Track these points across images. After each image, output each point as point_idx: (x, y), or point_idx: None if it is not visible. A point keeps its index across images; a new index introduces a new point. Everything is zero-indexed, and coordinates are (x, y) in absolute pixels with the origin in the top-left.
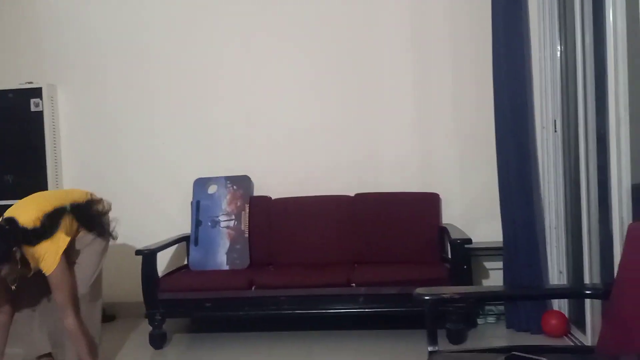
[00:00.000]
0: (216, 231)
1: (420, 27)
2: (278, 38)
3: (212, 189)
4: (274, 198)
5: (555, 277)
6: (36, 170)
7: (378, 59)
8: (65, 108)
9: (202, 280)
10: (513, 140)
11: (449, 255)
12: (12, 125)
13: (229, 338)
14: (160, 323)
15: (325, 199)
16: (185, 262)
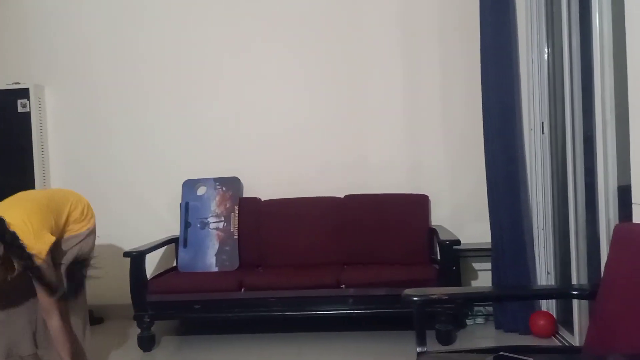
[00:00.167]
0: (205, 233)
1: (410, 30)
2: (268, 40)
3: (201, 191)
4: (263, 199)
5: (543, 278)
6: (23, 171)
7: (368, 61)
8: (52, 109)
9: (191, 282)
10: (501, 142)
11: (438, 256)
12: None
13: (218, 340)
14: (148, 325)
15: (315, 200)
16: (174, 264)
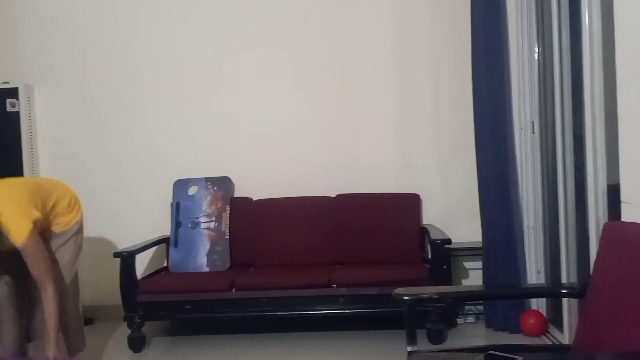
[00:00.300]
0: (196, 233)
1: (402, 31)
2: (260, 40)
3: (193, 190)
4: (255, 199)
5: (533, 277)
6: (12, 171)
7: (360, 61)
8: (42, 108)
9: (182, 282)
10: (492, 141)
11: (429, 255)
12: None
13: (210, 340)
14: (139, 326)
15: (307, 200)
16: (164, 264)
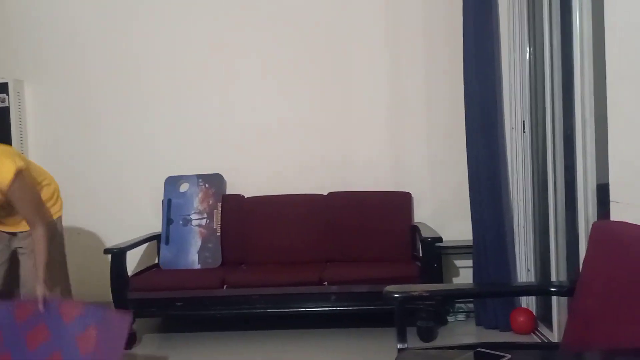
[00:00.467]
0: (188, 230)
1: (394, 29)
2: (251, 36)
3: (184, 187)
4: (246, 196)
5: (523, 275)
6: None
7: (352, 59)
8: (32, 104)
9: (173, 279)
10: (483, 140)
11: (420, 253)
12: None
13: (201, 337)
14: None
15: (298, 197)
16: (156, 261)
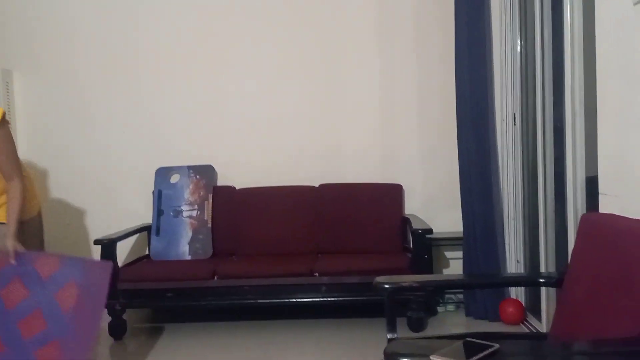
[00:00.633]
0: (178, 221)
1: (387, 22)
2: (243, 27)
3: (175, 179)
4: (237, 188)
5: (513, 266)
6: None
7: (344, 50)
8: (21, 94)
9: (164, 270)
10: (474, 133)
11: (411, 245)
12: None
13: (191, 328)
14: (120, 313)
15: (289, 189)
16: (146, 252)
